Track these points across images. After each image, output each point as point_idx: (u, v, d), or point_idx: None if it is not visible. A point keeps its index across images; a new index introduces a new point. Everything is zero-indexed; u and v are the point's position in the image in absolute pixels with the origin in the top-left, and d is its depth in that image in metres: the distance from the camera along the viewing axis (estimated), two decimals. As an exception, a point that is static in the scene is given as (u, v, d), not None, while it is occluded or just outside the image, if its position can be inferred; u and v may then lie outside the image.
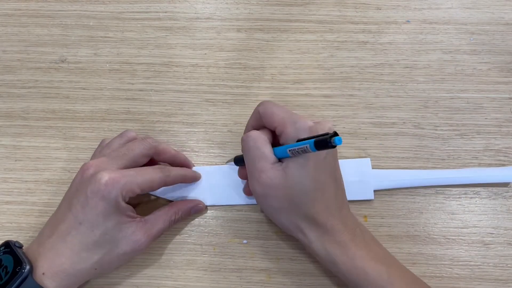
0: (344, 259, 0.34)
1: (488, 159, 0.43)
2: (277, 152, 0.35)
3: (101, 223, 0.34)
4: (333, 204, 0.35)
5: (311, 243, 0.36)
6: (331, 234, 0.35)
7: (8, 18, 0.50)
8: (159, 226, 0.38)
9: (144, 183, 0.36)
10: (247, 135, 0.36)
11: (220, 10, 0.50)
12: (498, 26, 0.48)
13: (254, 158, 0.36)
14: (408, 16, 0.48)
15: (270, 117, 0.36)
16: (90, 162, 0.36)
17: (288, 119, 0.35)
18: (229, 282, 0.40)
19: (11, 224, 0.43)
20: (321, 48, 0.48)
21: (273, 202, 0.36)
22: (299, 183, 0.34)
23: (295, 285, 0.40)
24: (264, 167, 0.35)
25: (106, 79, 0.47)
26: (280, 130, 0.35)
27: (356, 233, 0.36)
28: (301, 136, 0.34)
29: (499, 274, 0.40)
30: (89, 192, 0.34)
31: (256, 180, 0.36)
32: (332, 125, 0.36)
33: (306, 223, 0.35)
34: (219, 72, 0.47)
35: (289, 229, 0.37)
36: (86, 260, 0.35)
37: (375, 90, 0.46)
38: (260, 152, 0.35)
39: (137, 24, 0.49)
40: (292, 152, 0.33)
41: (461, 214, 0.41)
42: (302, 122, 0.35)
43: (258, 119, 0.38)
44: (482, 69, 0.46)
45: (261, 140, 0.36)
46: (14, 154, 0.45)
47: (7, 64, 0.48)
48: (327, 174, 0.35)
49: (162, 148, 0.39)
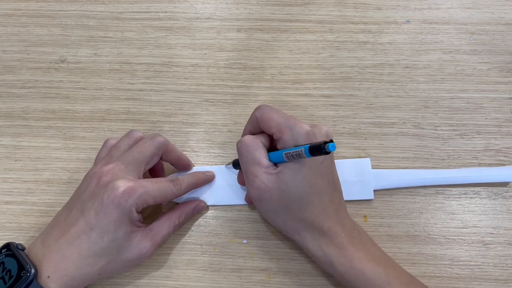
0: (342, 260, 0.35)
1: (488, 159, 0.43)
2: (272, 157, 0.36)
3: (112, 231, 0.34)
4: (330, 207, 0.36)
5: (308, 245, 0.36)
6: (328, 236, 0.35)
7: (8, 18, 0.50)
8: (164, 233, 0.38)
9: (158, 196, 0.36)
10: (240, 140, 0.37)
11: (220, 10, 0.50)
12: (498, 26, 0.48)
13: (247, 163, 0.36)
14: (408, 16, 0.48)
15: (267, 122, 0.36)
16: (106, 169, 0.36)
17: (285, 125, 0.35)
18: (229, 282, 0.40)
19: (11, 224, 0.43)
20: (321, 48, 0.48)
21: (268, 206, 0.36)
22: (294, 188, 0.34)
23: (295, 285, 0.40)
24: (257, 172, 0.35)
25: (106, 79, 0.47)
26: (278, 136, 0.36)
27: (353, 234, 0.36)
28: (299, 142, 0.34)
29: (499, 274, 0.40)
30: (105, 199, 0.34)
31: (250, 184, 0.36)
32: (329, 128, 0.36)
33: (302, 225, 0.36)
34: (219, 72, 0.47)
35: (286, 231, 0.37)
36: (92, 266, 0.35)
37: (375, 90, 0.46)
38: (253, 157, 0.36)
39: (137, 24, 0.49)
40: (287, 157, 0.34)
41: (461, 214, 0.41)
42: (299, 127, 0.35)
43: (255, 123, 0.38)
44: (482, 69, 0.46)
45: (254, 145, 0.36)
46: (14, 154, 0.45)
47: (7, 64, 0.48)
48: (324, 178, 0.35)
49: (171, 147, 0.40)
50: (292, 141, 0.34)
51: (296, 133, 0.34)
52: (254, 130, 0.38)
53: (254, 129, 0.38)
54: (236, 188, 0.42)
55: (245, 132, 0.40)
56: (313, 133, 0.35)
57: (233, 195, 0.42)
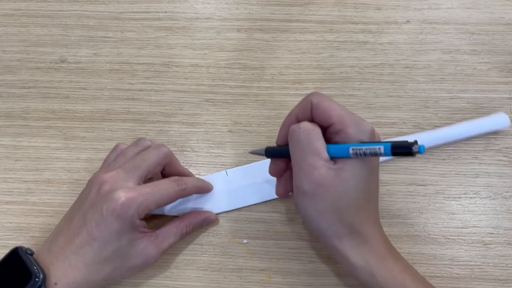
0: (383, 271, 0.33)
1: (488, 159, 0.43)
2: (332, 150, 0.32)
3: (114, 241, 0.34)
4: (375, 215, 0.35)
5: (348, 253, 0.33)
6: (370, 245, 0.33)
7: (8, 18, 0.50)
8: (170, 240, 0.38)
9: (161, 199, 0.36)
10: (299, 126, 0.33)
11: (220, 10, 0.50)
12: (498, 26, 0.48)
13: (305, 152, 0.32)
14: (408, 16, 0.48)
15: (327, 112, 0.32)
16: (106, 176, 0.35)
17: (349, 118, 0.32)
18: (229, 282, 0.40)
19: (11, 224, 0.43)
20: (321, 48, 0.48)
21: (319, 203, 0.33)
22: (352, 188, 0.32)
23: (295, 285, 0.40)
24: (317, 163, 0.32)
25: (106, 79, 0.47)
26: (338, 128, 0.32)
27: (391, 245, 0.35)
28: (363, 139, 0.32)
29: (499, 274, 0.40)
30: (104, 210, 0.34)
31: (306, 176, 0.32)
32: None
33: (347, 230, 0.33)
34: (219, 72, 0.47)
35: (325, 234, 0.34)
36: (98, 273, 0.35)
37: (375, 90, 0.46)
38: (313, 146, 0.32)
39: (137, 24, 0.49)
40: (355, 153, 0.31)
41: (461, 214, 0.41)
42: (365, 124, 0.32)
43: (306, 110, 0.34)
44: (482, 69, 0.46)
45: (315, 134, 0.32)
46: (14, 154, 0.45)
47: (7, 64, 0.48)
48: (376, 183, 0.34)
49: (175, 160, 0.39)
50: (357, 137, 0.32)
51: (362, 129, 0.32)
52: (302, 117, 0.34)
53: (303, 116, 0.34)
54: (236, 192, 0.42)
55: (291, 117, 0.35)
56: (377, 134, 0.33)
57: (238, 200, 0.42)
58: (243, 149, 0.44)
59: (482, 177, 0.42)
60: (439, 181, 0.42)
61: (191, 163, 0.44)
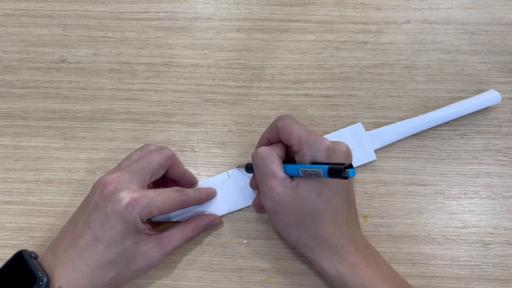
0: (356, 279, 0.34)
1: (488, 159, 0.43)
2: (288, 170, 0.36)
3: (119, 243, 0.34)
4: (345, 226, 0.35)
5: (320, 262, 0.36)
6: (341, 255, 0.35)
7: (8, 18, 0.50)
8: (175, 244, 0.38)
9: (163, 206, 0.36)
10: (256, 152, 0.37)
11: (220, 10, 0.50)
12: (498, 26, 0.48)
13: (263, 175, 0.36)
14: (408, 16, 0.48)
15: (288, 134, 0.36)
16: (110, 178, 0.36)
17: (306, 139, 0.35)
18: (229, 282, 0.40)
19: (11, 224, 0.43)
20: (321, 48, 0.48)
21: (282, 218, 0.36)
22: (309, 203, 0.34)
23: (295, 285, 0.40)
24: (273, 183, 0.35)
25: (106, 79, 0.47)
26: (297, 149, 0.36)
27: (367, 254, 0.36)
28: (317, 158, 0.34)
29: (499, 274, 0.40)
30: (109, 211, 0.34)
31: (266, 196, 0.36)
32: (348, 146, 0.36)
33: (316, 242, 0.35)
34: (219, 72, 0.47)
35: (299, 246, 0.37)
36: (103, 276, 0.35)
37: (375, 90, 0.46)
38: (268, 169, 0.36)
39: (137, 24, 0.49)
40: (304, 173, 0.33)
41: (461, 214, 0.41)
42: (319, 143, 0.35)
43: (274, 133, 0.38)
44: (482, 69, 0.46)
45: (269, 158, 0.36)
46: (14, 154, 0.45)
47: (7, 64, 0.48)
48: (340, 196, 0.35)
49: (177, 161, 0.40)
50: (310, 157, 0.35)
51: (315, 149, 0.34)
52: (271, 139, 0.39)
53: (272, 138, 0.39)
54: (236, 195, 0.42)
55: (262, 140, 0.40)
56: (333, 149, 0.35)
57: (239, 200, 0.42)
58: (243, 149, 0.44)
59: (482, 177, 0.42)
60: (439, 181, 0.42)
61: (191, 163, 0.44)
